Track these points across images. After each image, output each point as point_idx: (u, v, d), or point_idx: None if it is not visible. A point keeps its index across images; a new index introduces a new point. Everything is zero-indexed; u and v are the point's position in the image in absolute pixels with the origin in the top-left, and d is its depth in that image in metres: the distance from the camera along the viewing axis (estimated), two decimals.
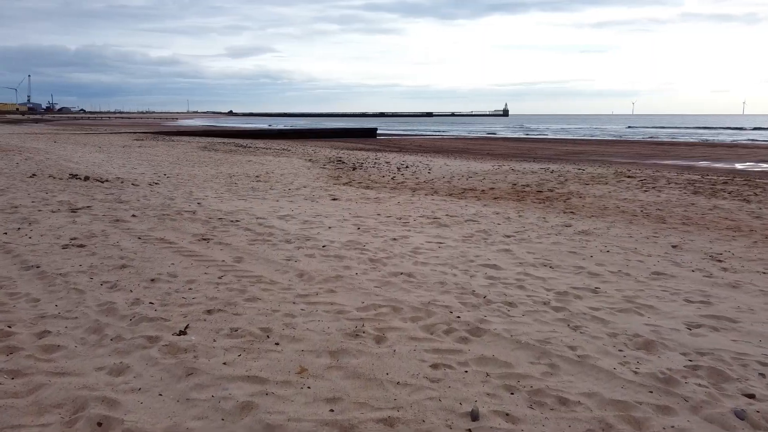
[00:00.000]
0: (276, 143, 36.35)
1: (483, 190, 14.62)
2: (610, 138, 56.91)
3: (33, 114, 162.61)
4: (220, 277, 5.41)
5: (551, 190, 14.62)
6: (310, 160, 22.73)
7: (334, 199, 12.09)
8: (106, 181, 12.90)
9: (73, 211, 8.71)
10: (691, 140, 52.30)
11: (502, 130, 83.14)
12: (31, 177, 12.93)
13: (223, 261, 6.07)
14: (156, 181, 13.76)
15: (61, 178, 12.92)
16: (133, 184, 12.69)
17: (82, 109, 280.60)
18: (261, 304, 4.65)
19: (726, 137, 57.27)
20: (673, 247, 8.28)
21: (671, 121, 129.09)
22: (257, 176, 16.41)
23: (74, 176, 13.22)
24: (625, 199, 13.20)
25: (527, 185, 15.62)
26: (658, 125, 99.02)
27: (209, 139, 38.29)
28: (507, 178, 17.39)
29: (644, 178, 17.20)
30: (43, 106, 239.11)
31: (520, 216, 10.64)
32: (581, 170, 20.03)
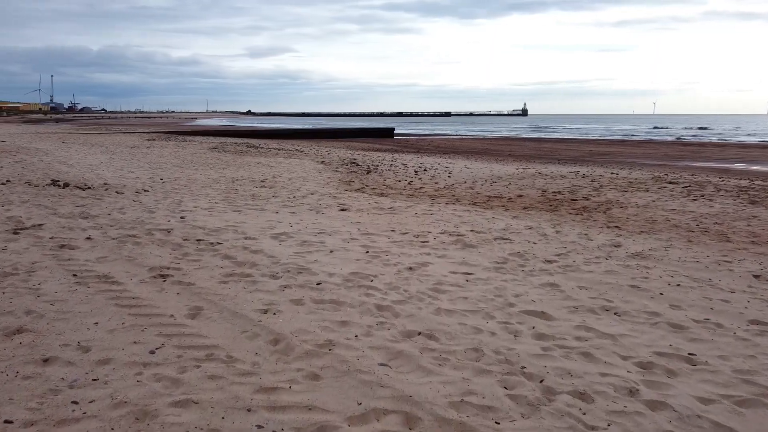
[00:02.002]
0: (290, 143, 34.96)
1: (510, 198, 13.00)
2: (635, 138, 54.87)
3: (55, 114, 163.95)
4: (153, 351, 3.71)
5: (587, 198, 12.97)
6: (322, 162, 21.23)
7: (342, 210, 10.56)
8: (88, 188, 11.46)
9: (16, 232, 7.14)
10: (715, 140, 50.08)
11: (521, 130, 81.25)
12: (2, 185, 11.52)
13: (172, 316, 4.43)
14: (146, 188, 12.32)
15: (37, 185, 11.49)
16: (117, 192, 11.22)
17: (103, 109, 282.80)
18: (193, 416, 2.93)
19: (746, 138, 54.92)
20: (756, 277, 6.65)
21: (693, 121, 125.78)
22: (262, 181, 14.95)
23: (55, 182, 11.81)
24: (673, 210, 11.51)
25: (559, 192, 13.97)
26: (682, 125, 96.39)
27: (222, 139, 37.01)
28: (535, 183, 15.74)
29: (688, 185, 15.44)
30: (65, 106, 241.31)
31: (557, 232, 9.04)
32: (615, 174, 18.30)
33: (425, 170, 18.81)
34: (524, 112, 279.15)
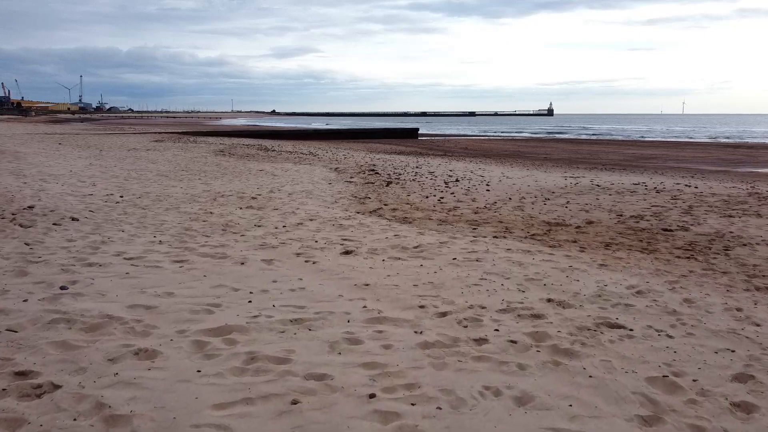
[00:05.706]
0: (306, 145, 31.86)
1: (579, 227, 9.53)
2: (675, 140, 50.98)
3: (83, 113, 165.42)
4: None
5: (684, 228, 9.43)
6: (336, 170, 17.91)
7: (346, 253, 7.19)
8: None
9: None
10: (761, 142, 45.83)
11: (551, 130, 77.46)
12: None
13: None
14: (81, 214, 9.08)
15: None
16: (21, 225, 7.87)
17: (130, 109, 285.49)
18: None
19: None
20: None
21: (727, 120, 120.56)
22: (253, 197, 11.70)
23: None
24: None
25: (641, 217, 10.43)
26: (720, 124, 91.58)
27: (235, 141, 34.15)
28: (600, 201, 12.21)
29: None
30: (93, 106, 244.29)
31: (687, 303, 5.58)
32: (693, 187, 14.67)
33: (457, 180, 15.39)
34: (550, 112, 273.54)
